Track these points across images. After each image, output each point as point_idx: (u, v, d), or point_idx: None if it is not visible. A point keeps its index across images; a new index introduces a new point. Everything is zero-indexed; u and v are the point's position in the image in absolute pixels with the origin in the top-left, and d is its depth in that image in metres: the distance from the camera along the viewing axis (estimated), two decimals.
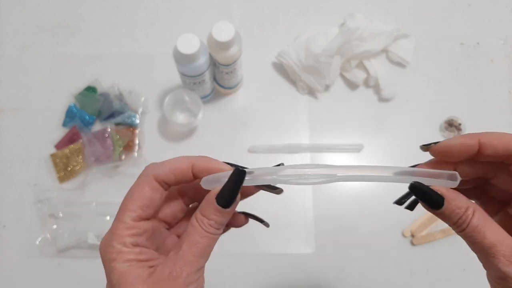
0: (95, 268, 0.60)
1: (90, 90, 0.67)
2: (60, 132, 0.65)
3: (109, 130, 0.64)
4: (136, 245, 0.27)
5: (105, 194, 0.62)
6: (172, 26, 0.73)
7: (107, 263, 0.27)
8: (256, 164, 0.65)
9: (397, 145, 0.66)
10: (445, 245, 0.61)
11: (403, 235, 0.61)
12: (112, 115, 0.65)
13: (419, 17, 0.75)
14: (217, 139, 0.66)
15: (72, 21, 0.73)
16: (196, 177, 0.29)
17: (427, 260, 0.61)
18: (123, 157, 0.63)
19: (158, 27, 0.73)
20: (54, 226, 0.60)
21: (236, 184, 0.29)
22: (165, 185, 0.29)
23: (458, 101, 0.69)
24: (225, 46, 0.55)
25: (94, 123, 0.66)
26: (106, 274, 0.27)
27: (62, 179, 0.63)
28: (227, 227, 0.37)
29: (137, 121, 0.65)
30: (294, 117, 0.68)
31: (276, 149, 0.65)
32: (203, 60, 0.56)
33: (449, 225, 0.28)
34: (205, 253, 0.30)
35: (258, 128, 0.67)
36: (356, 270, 0.60)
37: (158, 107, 0.67)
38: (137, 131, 0.65)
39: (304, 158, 0.65)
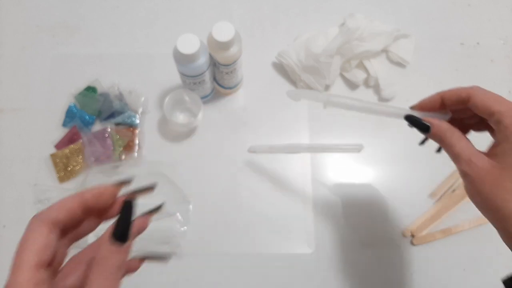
0: None
1: (90, 90, 0.67)
2: (60, 132, 0.65)
3: (109, 130, 0.64)
4: None
5: None
6: (172, 26, 0.73)
7: None
8: (256, 164, 0.65)
9: (397, 145, 0.66)
10: (445, 245, 0.61)
11: (403, 235, 0.61)
12: (112, 115, 0.65)
13: (419, 17, 0.75)
14: (217, 139, 0.66)
15: (72, 21, 0.73)
16: (88, 213, 0.30)
17: (427, 260, 0.61)
18: (123, 157, 0.63)
19: (158, 27, 0.73)
20: None
21: (127, 216, 0.29)
22: (56, 227, 0.28)
23: None
24: (225, 46, 0.55)
25: (94, 123, 0.66)
26: None
27: (62, 179, 0.63)
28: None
29: (137, 121, 0.65)
30: (294, 117, 0.68)
31: (276, 149, 0.65)
32: (203, 60, 0.56)
33: (438, 143, 0.41)
34: None
35: (258, 128, 0.67)
36: (356, 270, 0.60)
37: (158, 107, 0.67)
38: (137, 131, 0.65)
39: (304, 158, 0.65)
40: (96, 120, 0.66)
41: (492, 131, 0.40)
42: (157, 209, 0.35)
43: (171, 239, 0.60)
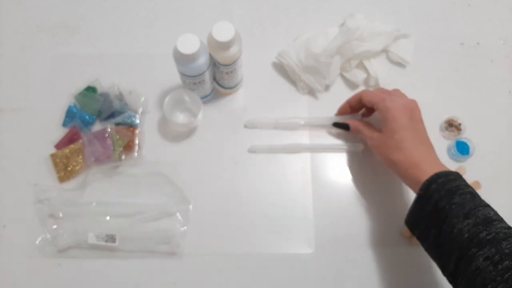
0: (95, 268, 0.60)
1: (90, 90, 0.67)
2: (60, 132, 0.65)
3: (109, 130, 0.64)
4: None
5: (105, 194, 0.62)
6: (172, 26, 0.73)
7: None
8: (256, 164, 0.65)
9: None
10: None
11: (403, 235, 0.61)
12: (112, 115, 0.65)
13: (419, 17, 0.75)
14: (217, 139, 0.66)
15: (72, 21, 0.73)
16: None
17: (427, 260, 0.61)
18: (123, 157, 0.63)
19: (158, 27, 0.73)
20: (54, 226, 0.60)
21: None
22: None
23: (458, 101, 0.69)
24: (225, 46, 0.55)
25: (94, 123, 0.66)
26: None
27: (62, 179, 0.63)
28: None
29: (137, 121, 0.65)
30: (294, 117, 0.68)
31: (276, 149, 0.65)
32: (203, 60, 0.56)
33: (355, 133, 0.63)
34: None
35: (258, 129, 0.67)
36: (356, 270, 0.60)
37: (158, 107, 0.67)
38: (137, 131, 0.65)
39: (304, 158, 0.65)
40: (96, 120, 0.66)
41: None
42: None
43: (171, 239, 0.60)
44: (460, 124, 0.67)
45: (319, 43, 0.67)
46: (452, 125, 0.67)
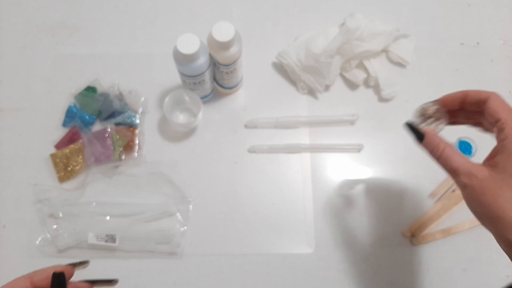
0: (95, 268, 0.60)
1: (90, 90, 0.67)
2: (60, 132, 0.65)
3: (109, 130, 0.64)
4: None
5: (105, 194, 0.62)
6: (172, 26, 0.73)
7: None
8: (256, 164, 0.65)
9: (397, 145, 0.66)
10: (445, 245, 0.61)
11: (403, 235, 0.61)
12: (112, 115, 0.65)
13: (419, 17, 0.75)
14: (217, 139, 0.66)
15: (72, 21, 0.73)
16: None
17: (427, 260, 0.61)
18: (123, 157, 0.63)
19: (158, 27, 0.73)
20: (54, 226, 0.60)
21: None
22: None
23: None
24: (225, 46, 0.55)
25: (94, 123, 0.66)
26: None
27: (62, 179, 0.63)
28: None
29: (137, 121, 0.65)
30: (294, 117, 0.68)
31: (276, 149, 0.65)
32: (203, 60, 0.56)
33: (428, 153, 0.42)
34: None
35: (258, 129, 0.67)
36: (356, 270, 0.60)
37: (158, 107, 0.67)
38: (137, 131, 0.65)
39: (304, 158, 0.65)
40: (96, 120, 0.66)
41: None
42: (107, 281, 0.41)
43: (171, 239, 0.60)
44: (436, 112, 0.45)
45: (319, 43, 0.67)
46: (426, 116, 0.46)
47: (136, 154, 0.64)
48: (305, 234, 0.61)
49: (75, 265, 0.39)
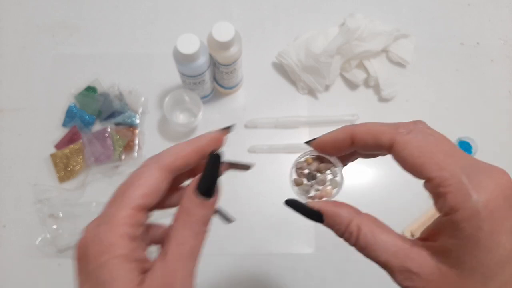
0: None
1: (90, 90, 0.67)
2: (60, 132, 0.65)
3: (109, 130, 0.64)
4: (133, 239, 0.24)
5: (105, 194, 0.62)
6: (172, 26, 0.73)
7: (94, 256, 0.22)
8: (257, 164, 0.65)
9: None
10: None
11: (404, 235, 0.61)
12: (112, 115, 0.65)
13: (419, 17, 0.75)
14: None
15: (72, 21, 0.73)
16: (200, 161, 0.28)
17: None
18: (123, 157, 0.63)
19: (158, 27, 0.73)
20: (54, 226, 0.60)
21: (214, 169, 0.26)
22: (170, 174, 0.26)
23: (458, 101, 0.69)
24: (225, 46, 0.55)
25: (94, 123, 0.66)
26: (86, 272, 0.22)
27: (62, 179, 0.63)
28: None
29: (137, 121, 0.65)
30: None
31: (276, 149, 0.65)
32: (203, 60, 0.56)
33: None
34: (195, 254, 0.25)
35: (258, 128, 0.67)
36: (356, 270, 0.60)
37: (158, 107, 0.67)
38: (137, 131, 0.65)
39: None
40: (96, 120, 0.66)
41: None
42: (241, 166, 0.34)
43: None
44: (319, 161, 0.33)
45: (319, 43, 0.67)
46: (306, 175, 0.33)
47: (136, 154, 0.64)
48: (305, 234, 0.61)
49: (234, 166, 0.33)
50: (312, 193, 0.30)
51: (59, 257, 0.59)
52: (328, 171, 0.31)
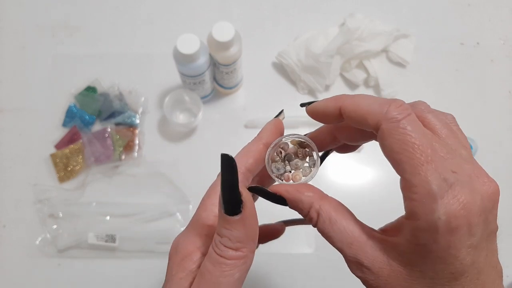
0: (95, 268, 0.60)
1: (90, 90, 0.67)
2: (60, 132, 0.65)
3: (109, 130, 0.64)
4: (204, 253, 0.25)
5: (105, 194, 0.62)
6: (172, 26, 0.73)
7: (170, 266, 0.24)
8: None
9: None
10: None
11: None
12: (112, 115, 0.65)
13: (419, 17, 0.75)
14: (217, 139, 0.66)
15: (72, 21, 0.73)
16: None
17: None
18: (123, 157, 0.63)
19: (158, 27, 0.73)
20: (54, 226, 0.60)
21: (231, 173, 0.22)
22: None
23: (458, 101, 0.69)
24: (225, 46, 0.55)
25: (94, 123, 0.66)
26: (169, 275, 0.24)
27: (62, 179, 0.63)
28: (264, 240, 0.32)
29: (137, 121, 0.65)
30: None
31: None
32: (203, 60, 0.56)
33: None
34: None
35: (258, 128, 0.67)
36: None
37: (158, 107, 0.67)
38: (137, 131, 0.65)
39: None
40: (96, 120, 0.66)
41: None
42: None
43: (171, 239, 0.60)
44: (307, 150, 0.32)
45: (319, 43, 0.67)
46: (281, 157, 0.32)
47: (136, 154, 0.64)
48: (305, 234, 0.61)
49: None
50: (281, 172, 0.30)
51: (59, 257, 0.59)
52: (307, 159, 0.30)
